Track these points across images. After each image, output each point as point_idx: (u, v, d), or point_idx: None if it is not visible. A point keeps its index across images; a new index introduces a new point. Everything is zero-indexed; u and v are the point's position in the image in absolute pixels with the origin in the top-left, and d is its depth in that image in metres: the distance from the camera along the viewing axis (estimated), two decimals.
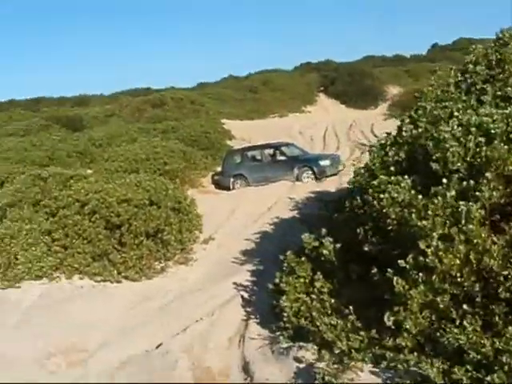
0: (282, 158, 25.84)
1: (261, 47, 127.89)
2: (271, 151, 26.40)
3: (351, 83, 54.44)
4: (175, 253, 14.98)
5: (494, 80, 9.48)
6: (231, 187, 25.71)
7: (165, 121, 36.50)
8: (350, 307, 7.39)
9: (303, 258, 8.70)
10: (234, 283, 12.15)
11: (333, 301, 7.89)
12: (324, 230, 9.06)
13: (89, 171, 23.05)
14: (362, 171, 9.60)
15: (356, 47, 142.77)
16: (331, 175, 24.72)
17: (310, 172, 24.85)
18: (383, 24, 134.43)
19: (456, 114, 8.22)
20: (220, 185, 26.36)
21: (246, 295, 11.20)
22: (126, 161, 25.48)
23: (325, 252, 8.43)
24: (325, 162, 25.18)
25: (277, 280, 9.48)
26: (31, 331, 10.72)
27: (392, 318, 6.50)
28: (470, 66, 10.21)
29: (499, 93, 8.78)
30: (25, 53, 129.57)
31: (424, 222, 6.74)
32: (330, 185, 23.02)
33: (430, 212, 6.81)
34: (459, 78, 10.42)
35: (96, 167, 25.91)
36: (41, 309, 11.83)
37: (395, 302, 6.64)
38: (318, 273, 8.32)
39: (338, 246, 8.48)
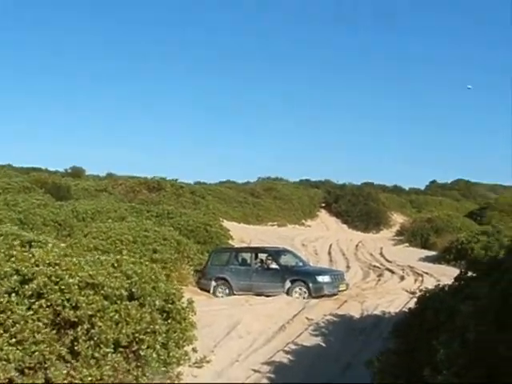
0: (274, 266, 20.16)
1: (259, 159, 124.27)
2: (264, 256, 20.83)
3: (355, 204, 50.24)
4: (153, 378, 9.23)
5: None
6: (212, 292, 20.08)
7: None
8: None
9: None
10: None
11: None
12: None
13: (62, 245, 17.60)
14: None
15: (354, 173, 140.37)
16: (330, 295, 19.08)
17: (304, 287, 19.20)
18: (382, 157, 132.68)
19: None
20: (200, 287, 20.68)
21: None
22: (109, 239, 20.12)
23: None
24: (323, 278, 19.50)
25: None
26: None
27: None
28: None
29: None
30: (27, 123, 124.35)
31: None
32: (350, 308, 17.60)
33: None
34: None
35: (72, 241, 20.40)
36: None
37: None
38: None
39: None
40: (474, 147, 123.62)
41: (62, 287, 8.45)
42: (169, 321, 9.92)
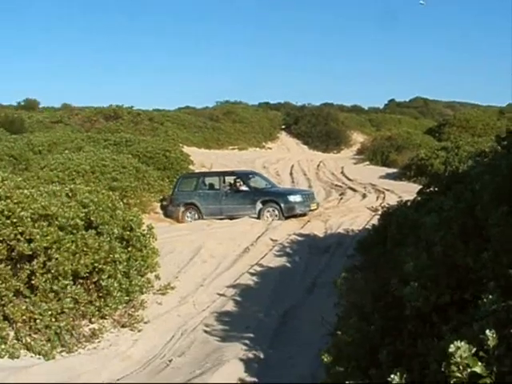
0: (244, 188, 19.87)
1: (217, 84, 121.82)
2: (232, 179, 20.49)
3: (315, 125, 49.62)
4: (116, 307, 9.01)
5: None
6: (180, 218, 19.75)
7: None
8: None
9: None
10: None
11: None
12: None
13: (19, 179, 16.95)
14: None
15: (314, 94, 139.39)
16: (301, 215, 18.97)
17: (276, 208, 18.98)
18: (341, 75, 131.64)
19: None
20: (168, 214, 20.31)
21: None
22: (67, 171, 19.61)
23: None
24: (295, 198, 19.27)
25: None
26: None
27: None
28: None
29: None
30: None
31: None
32: (313, 227, 17.50)
33: None
34: None
35: (29, 174, 19.74)
36: None
37: None
38: None
39: None
40: (431, 65, 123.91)
41: (15, 220, 8.06)
42: (129, 249, 9.66)
